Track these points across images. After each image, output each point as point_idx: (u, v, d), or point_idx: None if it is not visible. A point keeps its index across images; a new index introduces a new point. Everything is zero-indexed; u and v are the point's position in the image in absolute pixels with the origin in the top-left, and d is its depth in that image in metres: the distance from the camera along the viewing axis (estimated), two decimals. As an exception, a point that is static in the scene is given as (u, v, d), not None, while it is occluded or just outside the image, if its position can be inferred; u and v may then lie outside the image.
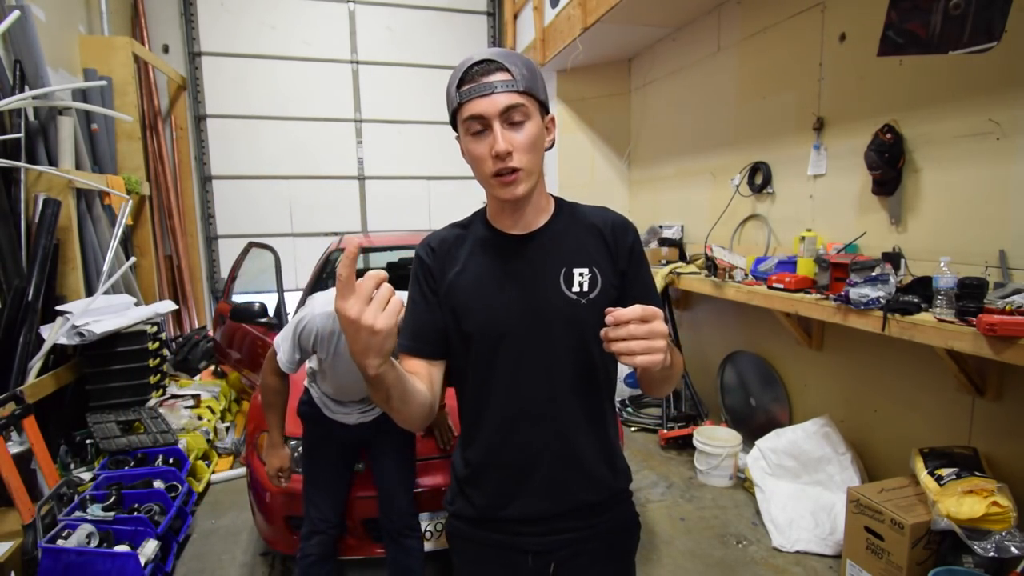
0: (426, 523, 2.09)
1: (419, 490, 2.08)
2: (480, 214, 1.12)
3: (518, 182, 0.97)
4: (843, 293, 2.23)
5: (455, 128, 1.01)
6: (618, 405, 4.14)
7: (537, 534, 1.08)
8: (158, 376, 3.45)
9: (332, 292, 1.80)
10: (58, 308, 3.00)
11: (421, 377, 1.01)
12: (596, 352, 1.03)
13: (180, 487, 2.70)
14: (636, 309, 0.80)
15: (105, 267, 3.45)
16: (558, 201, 1.11)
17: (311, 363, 2.03)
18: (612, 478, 1.11)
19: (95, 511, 2.36)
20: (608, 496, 1.11)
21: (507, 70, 0.95)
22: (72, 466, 2.91)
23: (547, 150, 1.04)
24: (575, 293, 1.02)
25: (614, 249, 1.06)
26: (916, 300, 2.02)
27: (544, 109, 1.01)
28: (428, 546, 2.08)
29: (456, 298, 1.05)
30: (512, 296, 1.03)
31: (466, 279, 1.05)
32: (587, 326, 1.02)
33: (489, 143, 0.95)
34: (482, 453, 1.08)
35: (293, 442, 2.15)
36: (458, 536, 1.14)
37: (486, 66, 0.95)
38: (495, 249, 1.06)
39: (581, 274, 1.03)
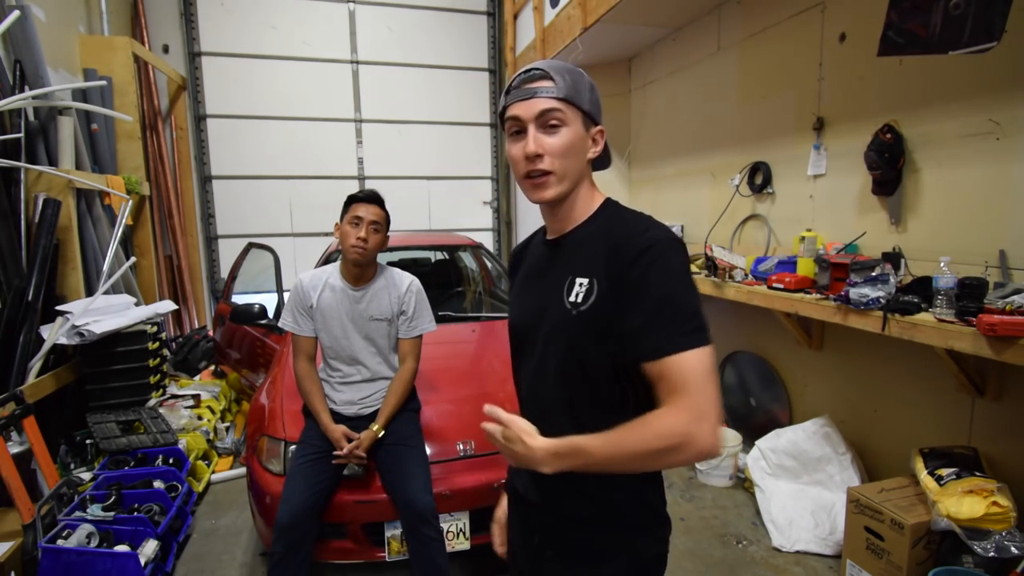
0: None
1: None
2: None
3: (547, 185, 1.00)
4: (843, 293, 2.23)
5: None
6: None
7: (539, 519, 1.11)
8: (158, 376, 3.45)
9: (315, 270, 2.21)
10: (58, 308, 3.00)
11: None
12: (587, 366, 0.99)
13: (180, 487, 2.70)
14: (497, 426, 0.94)
15: (105, 267, 3.45)
16: (602, 207, 1.06)
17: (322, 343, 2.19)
18: (600, 501, 1.04)
19: (95, 511, 2.36)
20: (596, 518, 1.05)
21: (551, 78, 0.99)
22: (72, 466, 2.91)
23: (601, 165, 1.08)
24: (570, 303, 1.00)
25: (615, 262, 0.96)
26: (916, 300, 2.02)
27: (590, 120, 1.02)
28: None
29: (511, 297, 1.23)
30: (529, 299, 1.12)
31: (518, 280, 1.22)
32: (573, 337, 0.99)
33: (523, 145, 0.99)
34: None
35: (293, 446, 2.17)
36: (508, 483, 1.26)
37: (532, 74, 1.00)
38: (537, 253, 1.16)
39: (580, 284, 1.00)
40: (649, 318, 0.90)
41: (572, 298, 1.00)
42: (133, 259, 4.02)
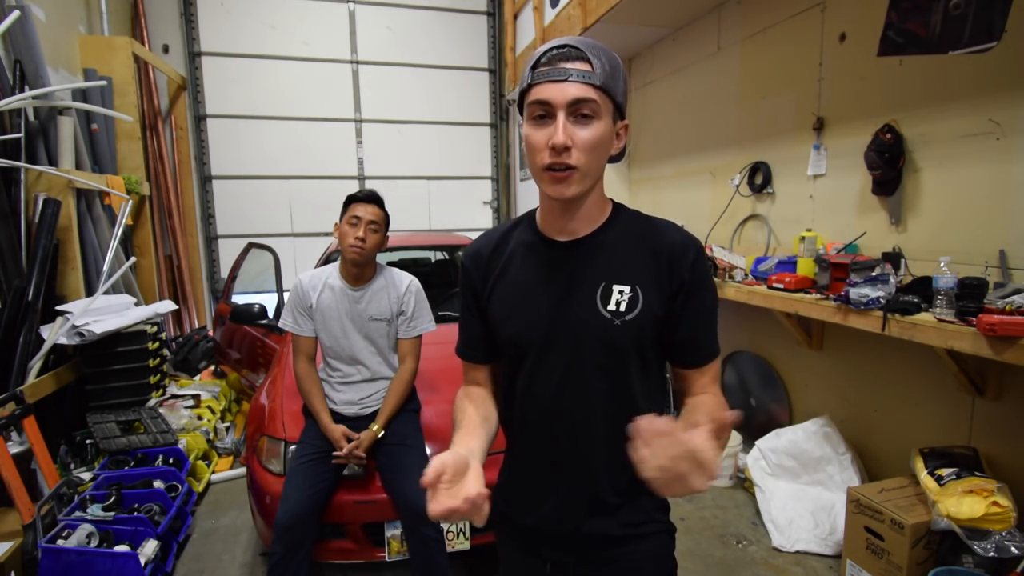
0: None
1: None
2: (530, 215, 1.06)
3: (570, 182, 0.89)
4: (843, 293, 2.23)
5: (520, 112, 0.94)
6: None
7: (553, 546, 1.05)
8: (158, 376, 3.45)
9: (315, 270, 2.21)
10: (58, 308, 3.00)
11: (482, 381, 1.13)
12: (632, 376, 0.97)
13: (180, 487, 2.70)
14: (663, 425, 0.69)
15: (105, 267, 3.45)
16: (616, 209, 1.02)
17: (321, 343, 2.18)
18: (635, 514, 1.02)
19: (95, 511, 2.36)
20: (629, 533, 1.02)
21: (588, 60, 0.86)
22: (72, 466, 2.91)
23: (615, 159, 0.96)
24: (610, 312, 0.94)
25: (666, 272, 0.95)
26: (916, 300, 2.02)
27: (619, 113, 0.92)
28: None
29: (496, 305, 1.04)
30: (546, 307, 0.98)
31: (505, 286, 1.03)
32: (619, 348, 0.95)
33: (548, 132, 0.87)
34: (512, 457, 1.11)
35: (293, 447, 2.17)
36: (496, 517, 1.15)
37: (567, 51, 0.87)
38: (537, 255, 1.01)
39: (621, 291, 0.94)
40: (704, 330, 0.99)
41: (612, 306, 0.94)
42: (133, 259, 4.02)
